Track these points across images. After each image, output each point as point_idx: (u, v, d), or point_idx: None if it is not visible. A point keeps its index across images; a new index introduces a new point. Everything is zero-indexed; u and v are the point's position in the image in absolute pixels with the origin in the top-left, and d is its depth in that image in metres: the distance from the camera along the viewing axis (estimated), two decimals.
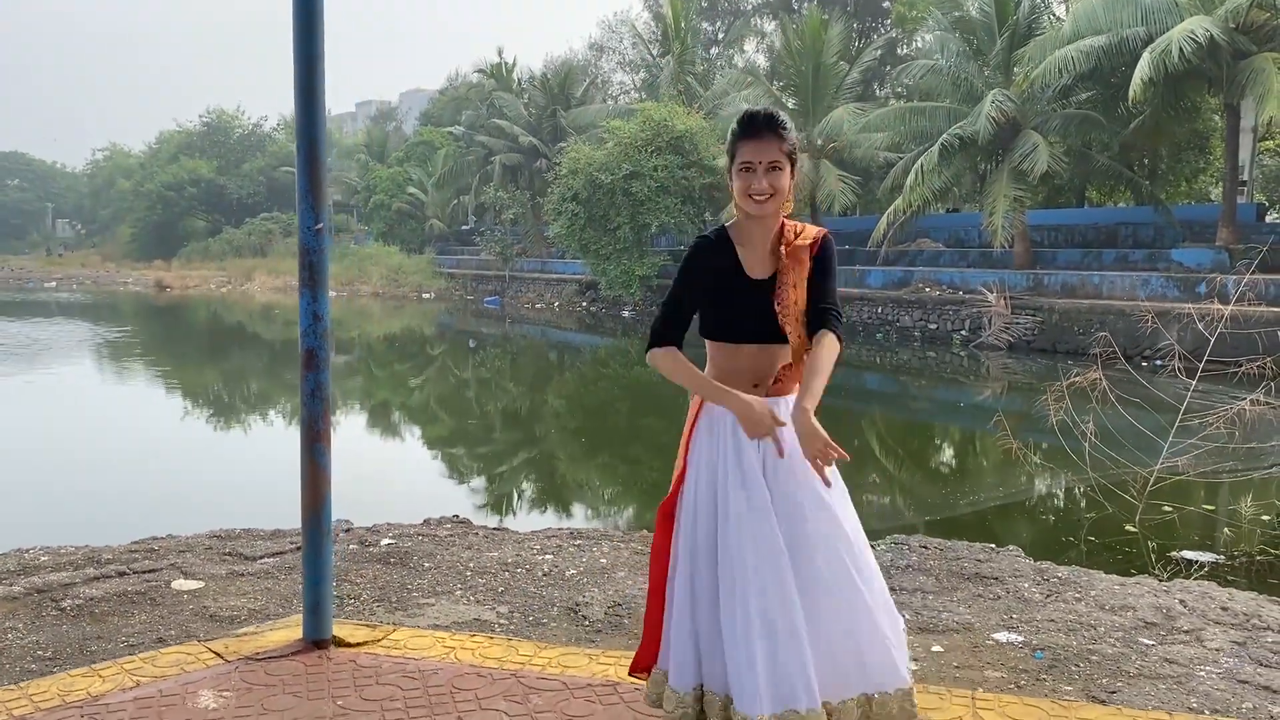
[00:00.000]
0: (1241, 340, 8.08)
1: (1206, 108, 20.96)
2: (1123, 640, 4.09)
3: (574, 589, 4.58)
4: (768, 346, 2.50)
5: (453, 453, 12.06)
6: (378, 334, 28.54)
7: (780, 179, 2.43)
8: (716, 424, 2.51)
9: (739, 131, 2.47)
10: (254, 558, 5.27)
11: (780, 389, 2.52)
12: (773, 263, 2.52)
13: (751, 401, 2.42)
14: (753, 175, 2.43)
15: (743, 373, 2.51)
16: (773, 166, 2.42)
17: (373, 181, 47.60)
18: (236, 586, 4.68)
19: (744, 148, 2.45)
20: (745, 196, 2.45)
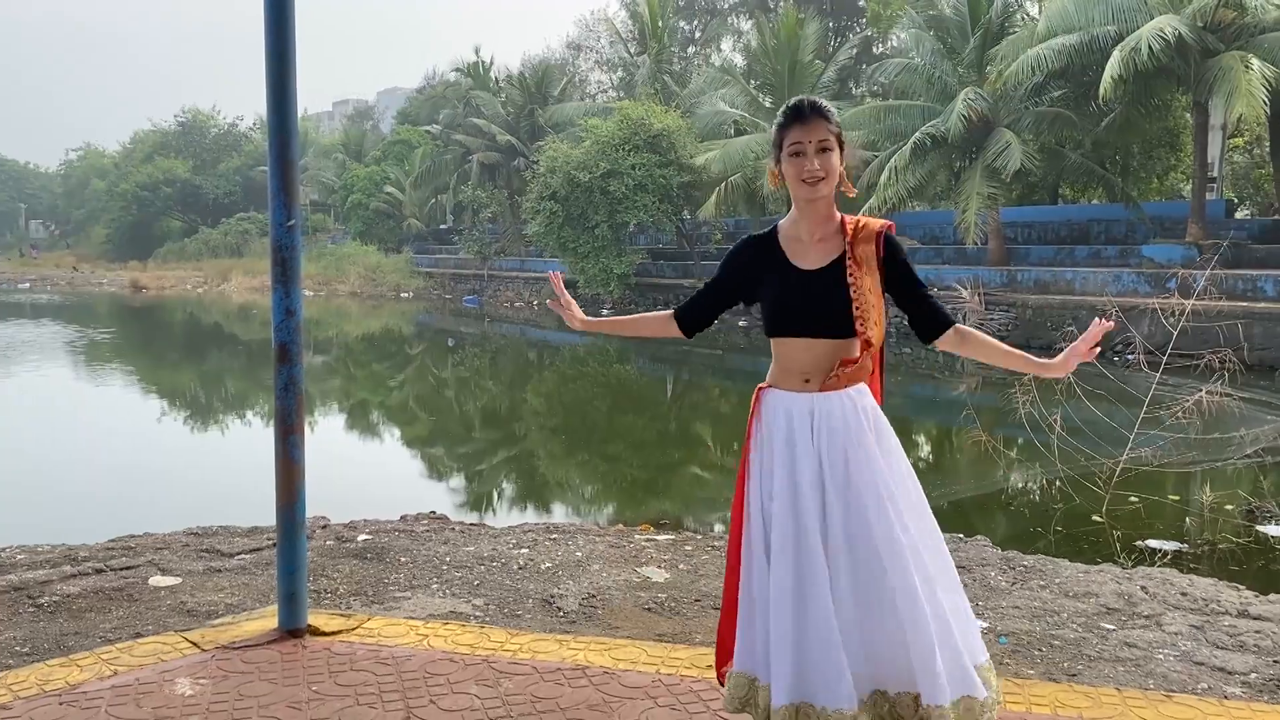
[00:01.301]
0: (1206, 334, 8.23)
1: (1177, 105, 21.22)
2: (1084, 625, 4.19)
3: (549, 581, 4.64)
4: (820, 341, 2.45)
5: (431, 451, 12.09)
6: (356, 333, 28.47)
7: (831, 159, 2.41)
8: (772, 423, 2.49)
9: (785, 120, 2.44)
10: (231, 554, 5.30)
11: (834, 384, 2.46)
12: (828, 252, 2.49)
13: (577, 313, 2.68)
14: (804, 158, 2.40)
15: (794, 367, 2.49)
16: (823, 147, 2.40)
17: (350, 180, 47.42)
18: (213, 582, 4.72)
19: (792, 132, 2.42)
20: (799, 181, 2.43)
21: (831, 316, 2.43)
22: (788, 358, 2.50)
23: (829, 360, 2.46)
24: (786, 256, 2.51)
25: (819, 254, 2.50)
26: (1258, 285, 15.68)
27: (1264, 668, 3.73)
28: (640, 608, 4.31)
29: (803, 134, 2.40)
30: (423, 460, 11.62)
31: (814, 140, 2.40)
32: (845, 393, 2.48)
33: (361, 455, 11.54)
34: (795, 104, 2.45)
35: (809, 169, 2.40)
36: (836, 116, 2.46)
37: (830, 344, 2.45)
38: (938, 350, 2.63)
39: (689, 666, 3.29)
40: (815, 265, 2.49)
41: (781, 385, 2.52)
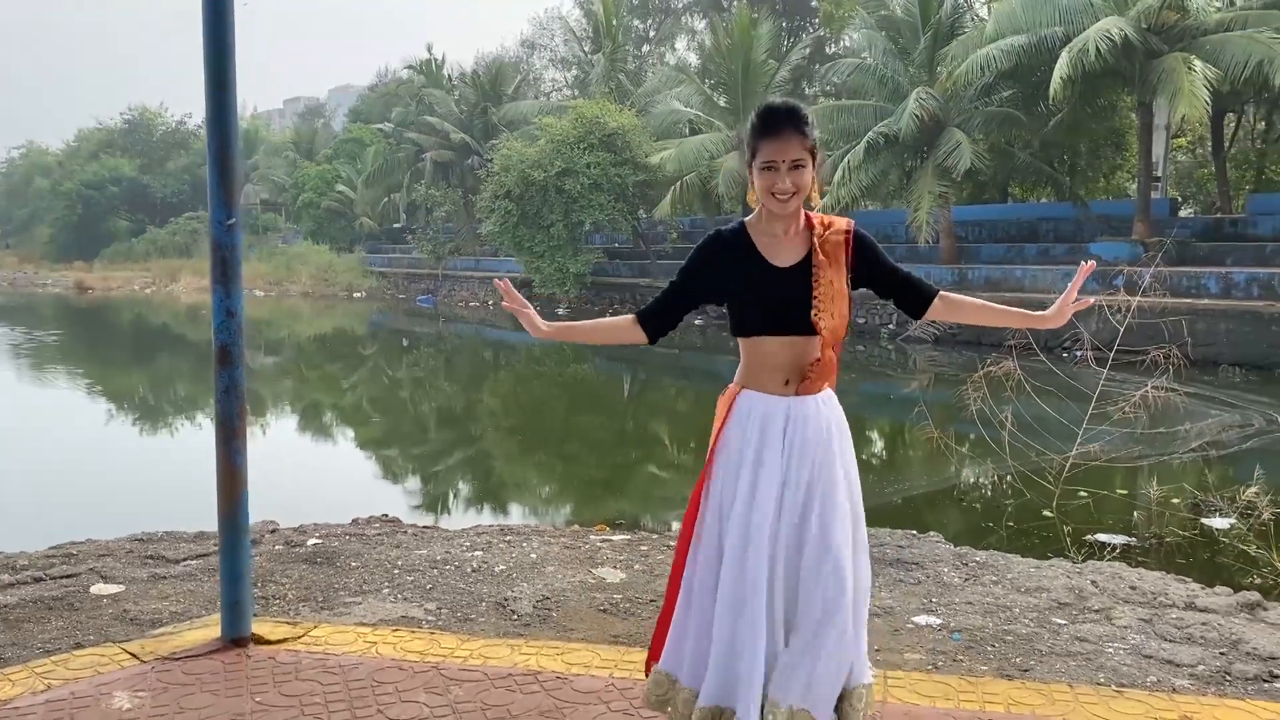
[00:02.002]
0: (1151, 330, 8.36)
1: (1122, 106, 21.59)
2: (1036, 620, 4.22)
3: (503, 584, 4.59)
4: (795, 339, 2.42)
5: (384, 452, 11.95)
6: (308, 334, 28.12)
7: (803, 176, 2.37)
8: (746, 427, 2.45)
9: (759, 128, 2.38)
10: (176, 560, 5.18)
11: (810, 386, 2.44)
12: (798, 249, 2.46)
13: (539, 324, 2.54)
14: (775, 174, 2.35)
15: (771, 368, 2.44)
16: (796, 165, 2.35)
17: (301, 179, 46.82)
18: (158, 590, 4.61)
19: (765, 146, 2.36)
20: (769, 195, 2.38)
21: (804, 315, 2.41)
22: (764, 357, 2.46)
23: (805, 359, 2.44)
24: (761, 254, 2.47)
25: (791, 251, 2.48)
26: (1201, 282, 15.99)
27: (1210, 659, 3.78)
28: (595, 609, 4.27)
29: (776, 152, 2.36)
30: (376, 462, 11.49)
31: (787, 159, 2.36)
32: (819, 398, 2.48)
33: (313, 458, 11.38)
34: (770, 112, 2.39)
35: (780, 187, 2.37)
36: (813, 124, 2.40)
37: (805, 341, 2.43)
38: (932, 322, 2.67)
39: (642, 671, 3.26)
40: (789, 262, 2.46)
41: (759, 387, 2.48)
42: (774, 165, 2.36)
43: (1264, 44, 15.30)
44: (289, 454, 11.50)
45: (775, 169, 2.36)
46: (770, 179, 2.37)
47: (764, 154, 2.37)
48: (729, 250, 2.48)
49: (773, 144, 2.36)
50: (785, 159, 2.34)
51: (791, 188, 2.36)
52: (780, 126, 2.35)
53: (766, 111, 2.40)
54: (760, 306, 2.43)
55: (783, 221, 2.46)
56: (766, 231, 2.48)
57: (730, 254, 2.47)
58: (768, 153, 2.36)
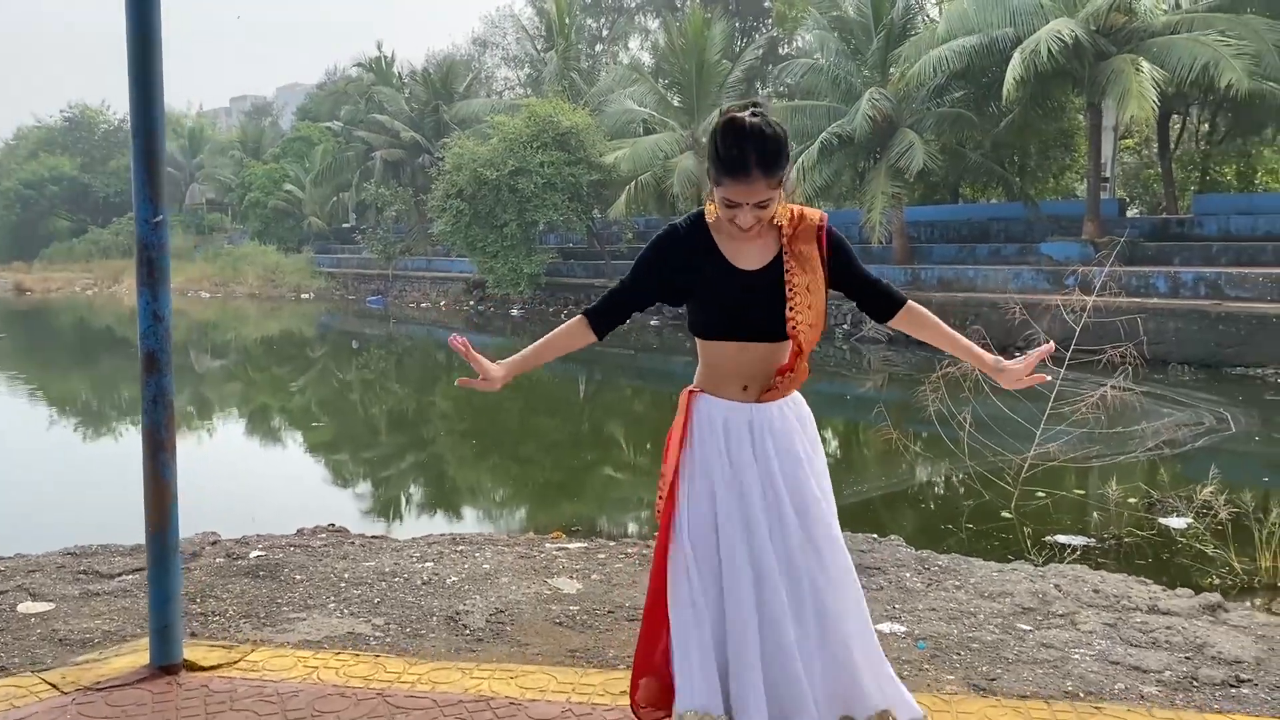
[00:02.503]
0: (1103, 330, 8.38)
1: (1071, 107, 21.85)
2: (1001, 627, 4.14)
3: (455, 597, 4.42)
4: (757, 345, 2.26)
5: (332, 458, 11.68)
6: (254, 336, 27.58)
7: (768, 210, 2.18)
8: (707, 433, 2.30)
9: (722, 168, 2.13)
10: (111, 575, 4.95)
11: (774, 394, 2.30)
12: (765, 250, 2.27)
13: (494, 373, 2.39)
14: (738, 211, 2.16)
15: (729, 373, 2.30)
16: (761, 205, 2.15)
17: (247, 179, 45.98)
18: (90, 607, 4.38)
19: (728, 184, 2.13)
20: (729, 222, 2.20)
21: (771, 320, 2.25)
22: (722, 361, 2.31)
23: (766, 365, 2.29)
24: (722, 253, 2.29)
25: (757, 252, 2.29)
26: (1150, 282, 16.19)
27: (1176, 665, 3.73)
28: (551, 622, 4.13)
29: (740, 194, 2.14)
30: (323, 468, 11.21)
31: (751, 201, 2.15)
32: (783, 403, 2.33)
33: (258, 464, 11.08)
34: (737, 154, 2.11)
35: (742, 222, 2.18)
36: (785, 153, 2.16)
37: (767, 348, 2.28)
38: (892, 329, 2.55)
39: (601, 694, 3.12)
40: (755, 265, 2.28)
41: (716, 392, 2.33)
42: (736, 204, 2.16)
43: (1209, 46, 15.53)
44: (233, 460, 11.20)
45: (738, 206, 2.17)
46: (730, 214, 2.18)
47: (726, 191, 2.15)
48: (685, 246, 2.29)
49: (737, 186, 2.13)
50: (750, 200, 2.15)
51: (754, 223, 2.19)
52: (747, 173, 2.10)
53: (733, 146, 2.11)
54: (721, 309, 2.27)
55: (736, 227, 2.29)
56: (729, 230, 2.28)
57: (687, 250, 2.29)
58: (731, 192, 2.14)
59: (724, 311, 2.27)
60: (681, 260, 2.29)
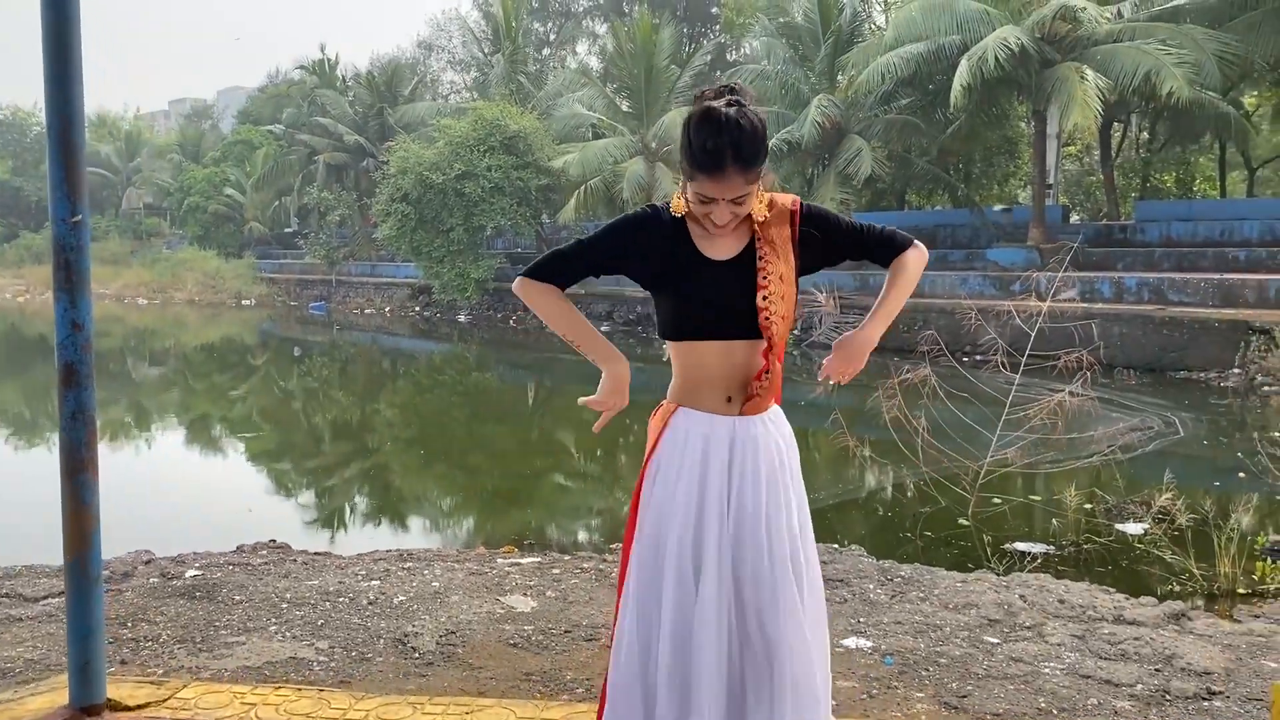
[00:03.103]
0: (1057, 334, 8.38)
1: (1014, 114, 22.12)
2: (968, 640, 4.04)
3: (403, 617, 4.22)
4: (735, 345, 2.10)
5: (275, 469, 11.33)
6: (194, 344, 26.92)
7: (745, 207, 2.05)
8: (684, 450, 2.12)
9: (697, 162, 1.99)
10: (36, 599, 4.67)
11: (757, 404, 2.12)
12: (738, 239, 2.13)
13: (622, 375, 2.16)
14: (713, 207, 2.03)
15: (711, 380, 2.12)
16: (738, 201, 2.02)
17: (187, 183, 44.94)
18: (12, 634, 4.11)
19: (703, 181, 1.99)
20: (703, 217, 2.06)
21: (746, 313, 2.09)
22: (703, 367, 2.13)
23: (748, 369, 2.12)
24: (694, 242, 2.13)
25: (730, 242, 2.14)
26: (1095, 287, 16.40)
27: (1147, 677, 3.65)
28: (505, 643, 3.94)
29: (716, 189, 2.00)
30: (265, 481, 10.86)
31: (727, 197, 2.01)
32: (766, 418, 2.16)
33: (196, 477, 10.69)
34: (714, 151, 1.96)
35: (717, 219, 2.05)
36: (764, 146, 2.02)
37: (748, 347, 2.11)
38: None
39: None
40: (727, 254, 2.12)
41: (698, 405, 2.14)
42: (711, 200, 2.02)
43: (1152, 55, 15.77)
44: (170, 473, 10.81)
45: (713, 203, 2.03)
46: (705, 210, 2.04)
47: (700, 187, 2.01)
48: (662, 229, 2.13)
49: (712, 183, 2.00)
50: (726, 196, 2.01)
51: (730, 219, 2.05)
52: (724, 166, 1.97)
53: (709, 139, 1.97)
54: (690, 304, 2.10)
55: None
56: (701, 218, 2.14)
57: (663, 233, 2.12)
58: (706, 188, 2.00)
59: (694, 306, 2.10)
60: (655, 242, 2.12)
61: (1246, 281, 15.15)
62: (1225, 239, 18.26)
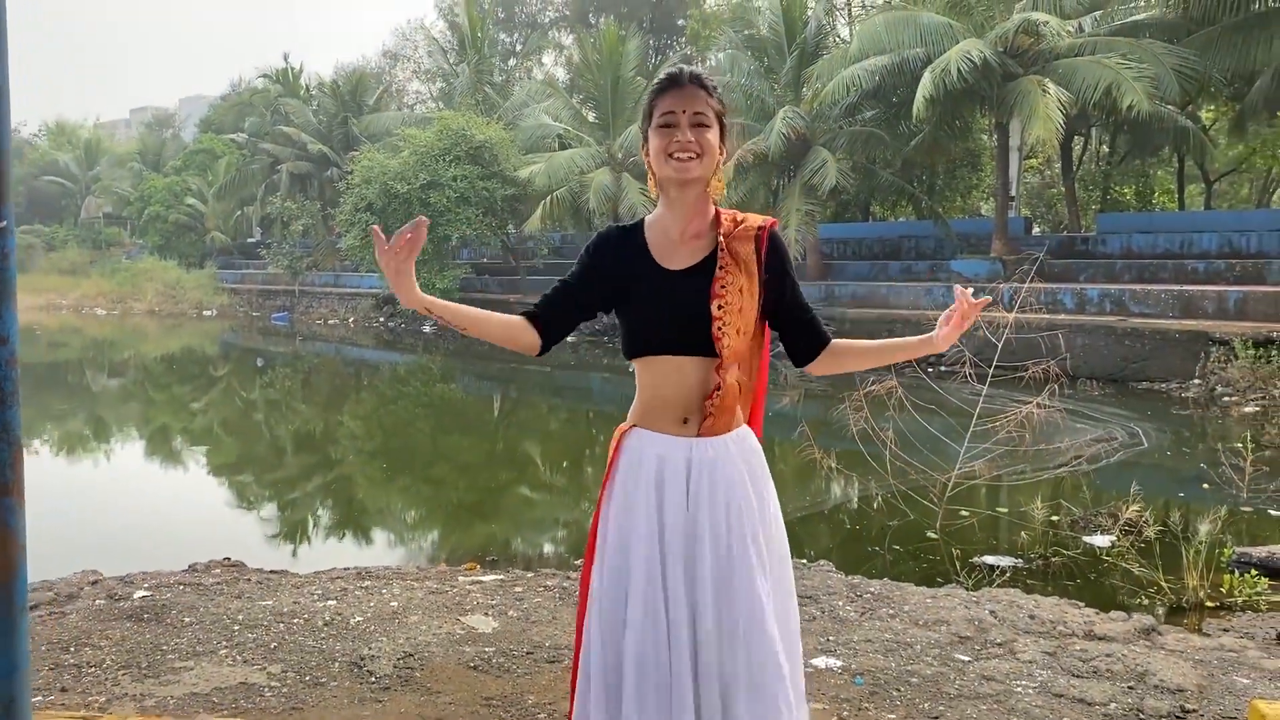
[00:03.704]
0: (1023, 345, 8.38)
1: (977, 127, 22.29)
2: (939, 658, 3.97)
3: (359, 639, 4.08)
4: (688, 361, 2.00)
5: (234, 483, 11.10)
6: (154, 354, 26.48)
7: (708, 135, 1.98)
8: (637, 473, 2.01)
9: (657, 88, 2.02)
10: None
11: (714, 424, 2.01)
12: (698, 251, 2.04)
13: (410, 284, 1.95)
14: (674, 130, 1.97)
15: (668, 398, 2.01)
16: (698, 121, 1.97)
17: (147, 192, 44.30)
18: None
19: (664, 100, 1.99)
20: (665, 157, 1.97)
21: (699, 328, 1.99)
22: (658, 386, 2.04)
23: (704, 389, 2.01)
24: (651, 254, 2.05)
25: (689, 252, 2.05)
26: (1057, 298, 16.52)
27: (1120, 695, 3.60)
28: (465, 666, 3.82)
29: (676, 102, 1.98)
30: (223, 495, 10.62)
31: (689, 110, 1.98)
32: (727, 439, 2.05)
33: (151, 492, 10.44)
34: (671, 72, 2.03)
35: (679, 140, 1.97)
36: (720, 94, 2.06)
37: (703, 364, 2.01)
38: (811, 375, 2.27)
39: None
40: (685, 264, 2.04)
41: (652, 426, 2.04)
42: (673, 119, 1.98)
43: (1112, 69, 15.94)
44: (124, 487, 10.56)
45: (675, 124, 1.98)
46: (667, 136, 1.98)
47: (662, 107, 2.00)
48: (620, 247, 2.07)
49: (673, 96, 1.99)
50: (687, 109, 1.98)
51: (694, 143, 1.97)
52: (681, 81, 2.00)
53: (666, 73, 2.05)
54: (647, 319, 2.02)
55: (683, 209, 2.04)
56: (662, 228, 2.07)
57: (624, 254, 2.06)
58: (667, 104, 1.99)
59: (646, 318, 2.03)
60: (614, 261, 2.06)
61: (1206, 293, 15.32)
62: (1184, 251, 18.48)
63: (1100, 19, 19.10)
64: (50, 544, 7.53)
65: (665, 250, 2.05)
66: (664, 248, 2.05)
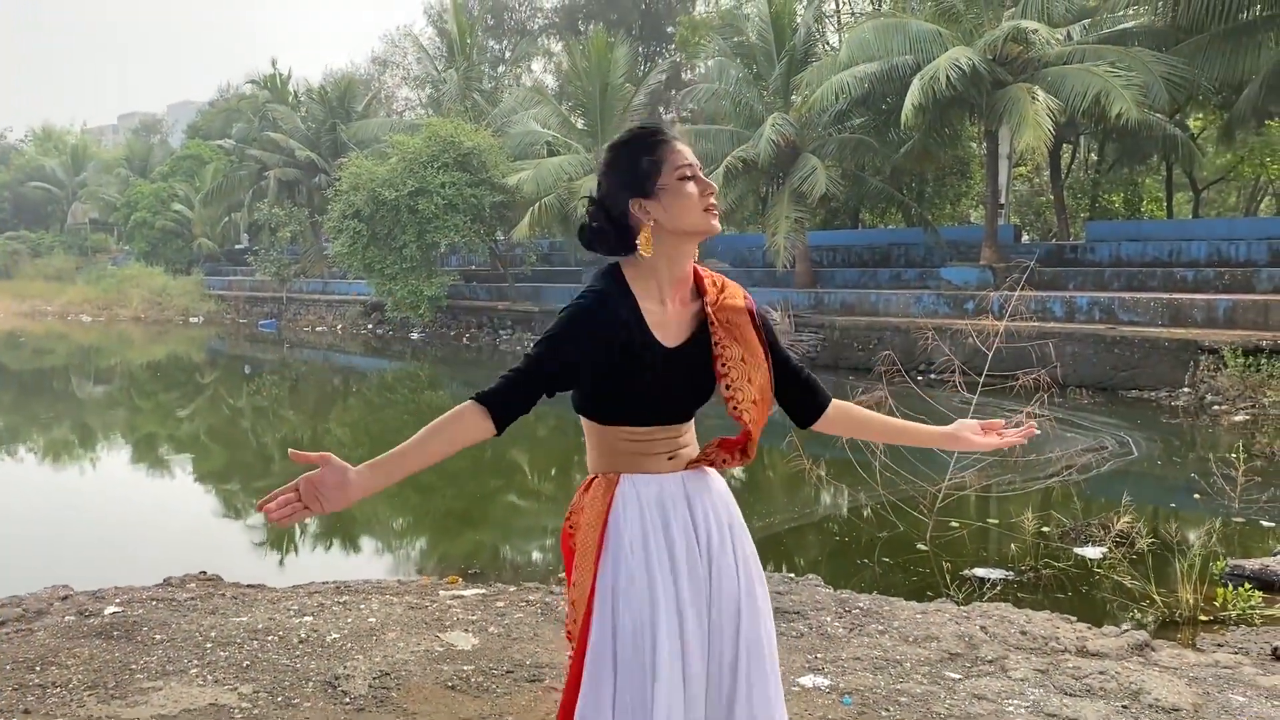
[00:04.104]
0: (1012, 354, 8.32)
1: (966, 135, 22.28)
2: (929, 676, 3.89)
3: (335, 657, 3.98)
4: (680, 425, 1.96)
5: (217, 492, 10.96)
6: (140, 361, 26.29)
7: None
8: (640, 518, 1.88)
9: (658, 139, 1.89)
10: None
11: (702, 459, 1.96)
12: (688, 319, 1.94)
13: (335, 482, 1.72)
14: (699, 182, 1.88)
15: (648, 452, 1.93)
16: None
17: (134, 198, 44.01)
18: None
19: (673, 151, 1.88)
20: (698, 213, 1.87)
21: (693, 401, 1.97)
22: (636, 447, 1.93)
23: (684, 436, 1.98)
24: (649, 327, 1.89)
25: (678, 326, 1.94)
26: (1047, 306, 16.49)
27: (1115, 715, 3.52)
28: (443, 685, 3.72)
29: (690, 156, 1.90)
30: (206, 505, 10.47)
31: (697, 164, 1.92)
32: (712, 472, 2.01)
33: (131, 502, 10.28)
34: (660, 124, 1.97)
35: (714, 192, 1.91)
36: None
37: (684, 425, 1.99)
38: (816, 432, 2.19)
39: None
40: (678, 340, 1.92)
41: (639, 469, 1.93)
42: (693, 171, 1.89)
43: (1101, 77, 15.93)
44: (104, 498, 10.41)
45: (695, 176, 1.89)
46: (700, 188, 1.88)
47: (679, 158, 1.88)
48: (618, 324, 1.85)
49: (682, 147, 1.90)
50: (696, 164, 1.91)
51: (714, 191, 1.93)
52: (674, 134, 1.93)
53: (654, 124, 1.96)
54: (643, 396, 1.89)
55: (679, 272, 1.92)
56: (648, 295, 1.90)
57: (619, 329, 1.85)
58: (681, 154, 1.89)
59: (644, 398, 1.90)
60: (607, 338, 1.84)
61: (1195, 301, 15.30)
62: (1173, 259, 18.47)
63: (1089, 27, 19.10)
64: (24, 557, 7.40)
65: (658, 321, 1.91)
66: (657, 318, 1.91)
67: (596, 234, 1.94)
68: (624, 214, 1.90)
